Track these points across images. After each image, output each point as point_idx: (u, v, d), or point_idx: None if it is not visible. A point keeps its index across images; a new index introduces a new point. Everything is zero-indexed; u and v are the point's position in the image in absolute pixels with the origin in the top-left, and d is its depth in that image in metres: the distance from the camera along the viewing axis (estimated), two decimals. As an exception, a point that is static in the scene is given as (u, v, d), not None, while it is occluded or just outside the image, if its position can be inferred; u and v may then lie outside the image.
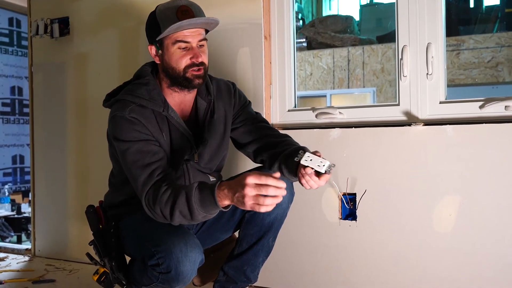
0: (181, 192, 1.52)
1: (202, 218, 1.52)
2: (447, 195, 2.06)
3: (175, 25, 1.64)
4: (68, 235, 3.04)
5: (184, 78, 1.71)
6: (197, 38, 1.70)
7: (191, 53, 1.70)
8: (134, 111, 1.69)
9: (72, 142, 3.03)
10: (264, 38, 2.44)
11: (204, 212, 1.50)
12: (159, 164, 1.63)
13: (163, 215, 1.55)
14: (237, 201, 1.42)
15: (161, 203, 1.54)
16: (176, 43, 1.69)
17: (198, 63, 1.70)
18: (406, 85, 2.18)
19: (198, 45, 1.71)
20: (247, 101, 1.96)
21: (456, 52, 7.36)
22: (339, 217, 2.28)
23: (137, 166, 1.62)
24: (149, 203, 1.57)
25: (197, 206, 1.49)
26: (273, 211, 1.77)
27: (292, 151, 1.66)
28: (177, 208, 1.51)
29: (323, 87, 8.20)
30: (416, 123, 2.12)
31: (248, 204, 1.40)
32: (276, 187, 1.39)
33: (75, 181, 3.02)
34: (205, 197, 1.48)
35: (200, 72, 1.72)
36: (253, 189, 1.39)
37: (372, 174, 2.20)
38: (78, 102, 3.01)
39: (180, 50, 1.70)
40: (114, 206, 1.88)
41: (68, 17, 3.02)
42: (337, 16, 9.16)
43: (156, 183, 1.59)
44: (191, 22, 1.65)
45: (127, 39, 2.83)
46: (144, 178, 1.61)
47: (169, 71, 1.73)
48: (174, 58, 1.71)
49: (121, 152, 1.68)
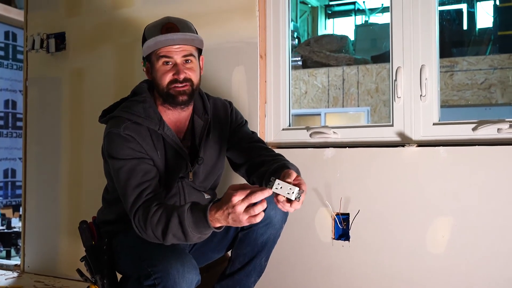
0: (173, 214, 1.51)
1: (197, 239, 1.52)
2: (440, 216, 2.07)
3: (151, 41, 1.67)
4: (58, 251, 3.02)
5: (167, 94, 1.73)
6: (180, 54, 1.71)
7: (175, 69, 1.71)
8: (128, 128, 1.69)
9: (65, 157, 3.02)
10: (260, 57, 2.46)
11: (198, 234, 1.49)
12: (150, 183, 1.63)
13: (155, 236, 1.54)
14: (232, 222, 1.42)
15: (152, 224, 1.53)
16: (160, 59, 1.71)
17: (181, 79, 1.71)
18: (400, 106, 2.20)
19: (183, 61, 1.72)
20: (244, 120, 1.96)
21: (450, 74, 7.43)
22: (332, 237, 2.27)
23: (127, 186, 1.62)
24: (139, 224, 1.57)
25: (191, 229, 1.48)
26: (267, 231, 1.78)
27: (274, 170, 1.63)
28: (170, 231, 1.50)
29: (318, 105, 8.25)
30: (409, 144, 2.14)
31: (244, 220, 1.39)
32: (261, 191, 1.38)
33: (68, 196, 3.01)
34: (198, 219, 1.47)
35: (185, 88, 1.72)
36: (242, 205, 1.38)
37: (366, 194, 2.21)
38: (73, 117, 3.01)
39: (164, 66, 1.72)
40: (107, 223, 1.88)
41: (64, 32, 3.03)
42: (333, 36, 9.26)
43: (145, 203, 1.58)
44: (167, 38, 1.67)
45: (123, 55, 2.84)
46: (133, 198, 1.60)
47: (156, 86, 1.76)
48: (158, 73, 1.73)
49: (114, 170, 1.68)
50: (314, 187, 2.29)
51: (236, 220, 1.40)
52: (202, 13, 2.56)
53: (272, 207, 1.74)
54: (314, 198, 2.30)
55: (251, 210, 1.38)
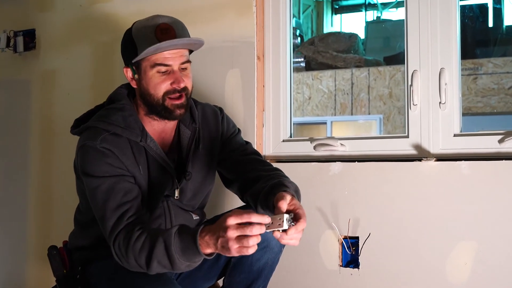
0: (158, 239, 1.50)
1: (185, 267, 1.50)
2: (462, 241, 2.07)
3: (153, 47, 1.64)
4: (26, 280, 3.00)
5: (163, 107, 1.71)
6: (179, 60, 1.70)
7: (172, 77, 1.70)
8: (106, 141, 1.68)
9: (34, 172, 3.01)
10: (257, 58, 2.47)
11: (187, 261, 1.48)
12: (131, 204, 1.62)
13: (138, 264, 1.53)
14: (221, 247, 1.40)
15: (135, 251, 1.52)
16: (155, 67, 1.69)
17: (180, 88, 1.70)
18: (417, 114, 2.21)
19: (180, 68, 1.71)
20: (236, 129, 1.96)
21: (473, 77, 7.46)
22: (340, 264, 2.27)
23: (106, 208, 1.61)
24: (120, 251, 1.56)
25: (178, 256, 1.47)
26: (264, 255, 1.78)
27: (269, 189, 1.60)
28: (155, 258, 1.49)
29: (323, 113, 8.26)
30: (427, 158, 2.14)
31: (233, 248, 1.37)
32: (261, 224, 1.36)
33: (36, 218, 3.00)
34: (187, 245, 1.46)
35: (182, 100, 1.71)
36: (235, 231, 1.36)
37: (377, 215, 2.21)
38: (43, 126, 3.01)
39: (159, 74, 1.70)
40: (81, 249, 1.87)
41: (34, 30, 3.04)
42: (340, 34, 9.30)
43: (126, 227, 1.57)
44: (171, 44, 1.66)
45: (101, 56, 2.85)
46: (113, 222, 1.59)
47: (146, 97, 1.73)
48: (152, 83, 1.71)
49: (90, 190, 1.67)
50: (318, 206, 2.29)
51: (225, 247, 1.38)
52: (191, 8, 2.57)
53: (269, 229, 1.74)
54: (319, 219, 2.29)
55: (244, 240, 1.36)
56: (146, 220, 1.64)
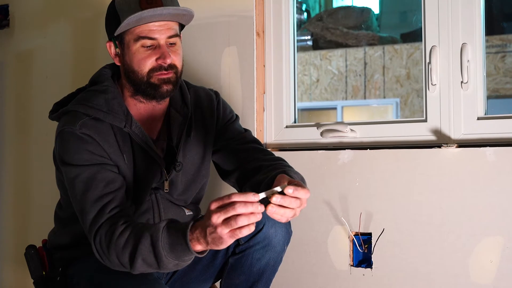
0: (144, 234, 1.49)
1: (173, 266, 1.50)
2: (487, 236, 2.07)
3: (134, 16, 1.65)
4: (1, 283, 3.01)
5: (148, 84, 1.72)
6: (166, 33, 1.70)
7: (158, 52, 1.70)
8: (86, 126, 1.69)
9: (9, 164, 3.02)
10: (257, 35, 2.46)
11: (175, 260, 1.47)
12: (114, 196, 1.62)
13: (121, 262, 1.53)
14: (211, 240, 1.37)
15: (118, 248, 1.52)
16: (139, 40, 1.69)
17: (166, 65, 1.70)
18: (436, 95, 2.20)
19: (168, 43, 1.72)
20: (234, 115, 1.97)
21: (501, 55, 7.44)
22: (350, 263, 2.27)
23: (85, 199, 1.62)
24: (101, 247, 1.56)
25: (166, 252, 1.46)
26: (265, 254, 1.78)
27: (272, 179, 1.58)
28: (140, 255, 1.49)
29: (333, 97, 8.26)
30: (447, 144, 2.14)
31: (224, 234, 1.34)
32: (245, 202, 1.33)
33: (13, 214, 3.01)
34: (176, 241, 1.45)
35: (170, 75, 1.72)
36: (219, 214, 1.33)
37: (392, 208, 2.21)
38: (19, 112, 3.01)
39: (144, 49, 1.70)
40: (61, 247, 1.88)
41: (7, 5, 3.04)
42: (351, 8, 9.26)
43: (108, 221, 1.57)
44: (155, 13, 1.66)
45: (82, 34, 2.85)
46: (93, 215, 1.59)
47: (130, 75, 1.74)
48: (136, 58, 1.71)
49: (69, 180, 1.68)
50: (326, 199, 2.29)
51: (216, 237, 1.36)
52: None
53: (271, 225, 1.74)
54: (327, 214, 2.30)
55: (232, 222, 1.32)
56: (131, 214, 1.65)
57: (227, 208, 1.33)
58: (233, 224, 1.32)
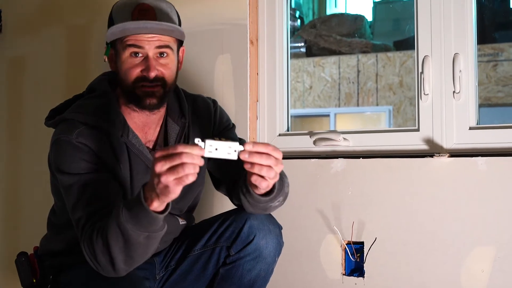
0: (109, 220, 1.48)
1: (144, 240, 1.48)
2: (479, 246, 2.08)
3: (118, 27, 1.66)
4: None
5: (133, 95, 1.72)
6: (154, 44, 1.69)
7: (144, 64, 1.69)
8: (83, 135, 1.69)
9: (0, 170, 3.01)
10: (250, 43, 2.47)
11: (143, 230, 1.45)
12: (108, 204, 1.61)
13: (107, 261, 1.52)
14: (160, 190, 1.36)
15: (98, 246, 1.51)
16: (127, 48, 1.69)
17: (151, 78, 1.69)
18: (428, 105, 2.21)
19: (157, 54, 1.71)
20: (231, 123, 1.97)
21: (493, 64, 7.47)
22: (342, 272, 2.27)
23: (79, 207, 1.62)
24: (89, 250, 1.55)
25: (131, 225, 1.44)
26: (255, 265, 1.78)
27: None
28: (111, 241, 1.47)
29: (326, 104, 8.27)
30: (439, 154, 2.15)
31: (170, 182, 1.33)
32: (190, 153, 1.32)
33: (4, 220, 2.99)
34: (134, 209, 1.43)
35: (155, 89, 1.70)
36: (163, 163, 1.33)
37: (384, 217, 2.21)
38: (11, 119, 3.00)
39: (132, 59, 1.70)
40: (54, 254, 1.87)
41: (0, 10, 3.03)
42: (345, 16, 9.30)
43: (94, 225, 1.56)
44: (139, 26, 1.65)
45: (75, 40, 2.84)
46: (84, 221, 1.59)
47: (121, 83, 1.75)
48: (124, 67, 1.71)
49: (64, 188, 1.68)
50: (319, 208, 2.30)
51: (161, 187, 1.35)
52: (177, -14, 2.56)
53: (262, 236, 1.75)
54: (319, 223, 2.30)
55: (179, 169, 1.31)
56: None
57: (173, 157, 1.33)
58: (180, 171, 1.32)
